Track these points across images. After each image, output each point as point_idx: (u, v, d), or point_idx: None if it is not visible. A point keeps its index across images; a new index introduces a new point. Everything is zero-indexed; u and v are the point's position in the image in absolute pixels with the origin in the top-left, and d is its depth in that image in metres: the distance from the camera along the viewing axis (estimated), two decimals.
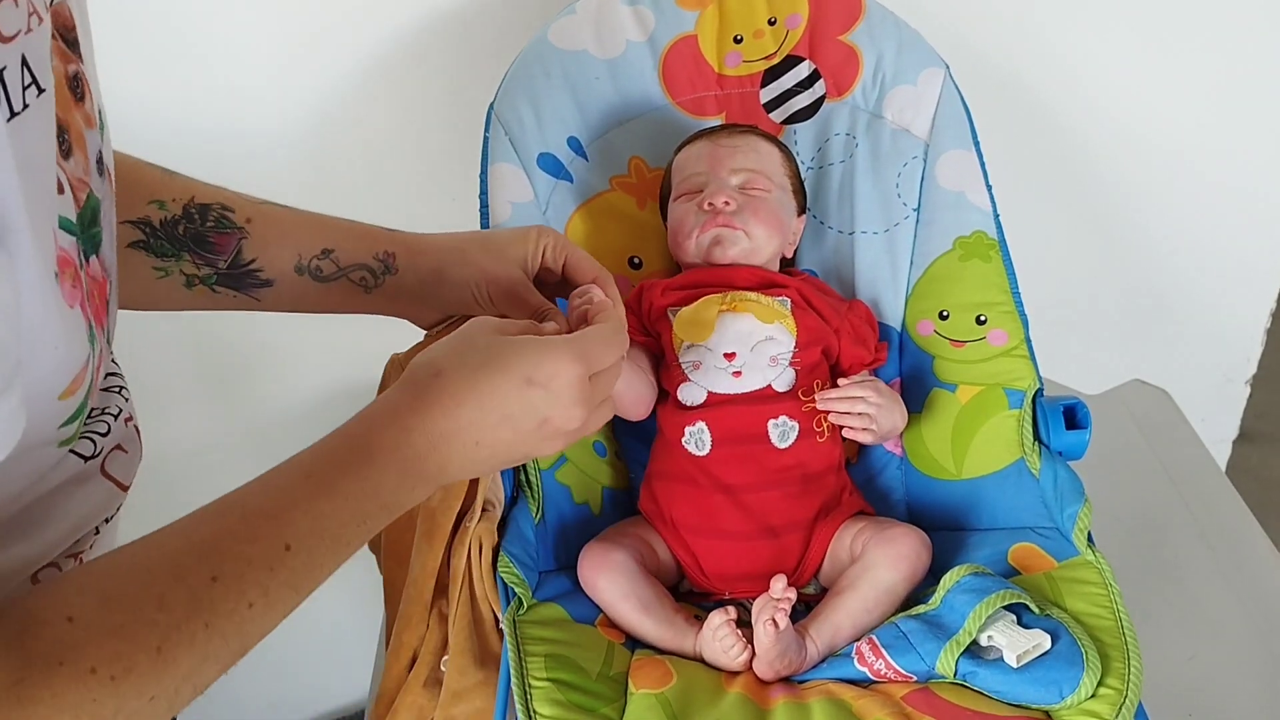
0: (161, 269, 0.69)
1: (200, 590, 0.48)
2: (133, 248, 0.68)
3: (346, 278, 0.72)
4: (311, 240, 0.72)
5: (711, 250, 0.94)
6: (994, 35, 1.17)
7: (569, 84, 1.00)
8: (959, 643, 0.73)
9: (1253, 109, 1.24)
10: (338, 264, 0.72)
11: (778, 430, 0.88)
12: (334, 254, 0.72)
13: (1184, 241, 1.35)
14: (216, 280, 0.70)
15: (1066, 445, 0.88)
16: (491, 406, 0.58)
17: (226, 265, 0.69)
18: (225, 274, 0.70)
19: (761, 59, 1.03)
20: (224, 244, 0.69)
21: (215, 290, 0.70)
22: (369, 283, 0.73)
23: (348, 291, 0.73)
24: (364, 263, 0.72)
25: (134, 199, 0.67)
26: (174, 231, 0.68)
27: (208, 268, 0.69)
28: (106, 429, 0.57)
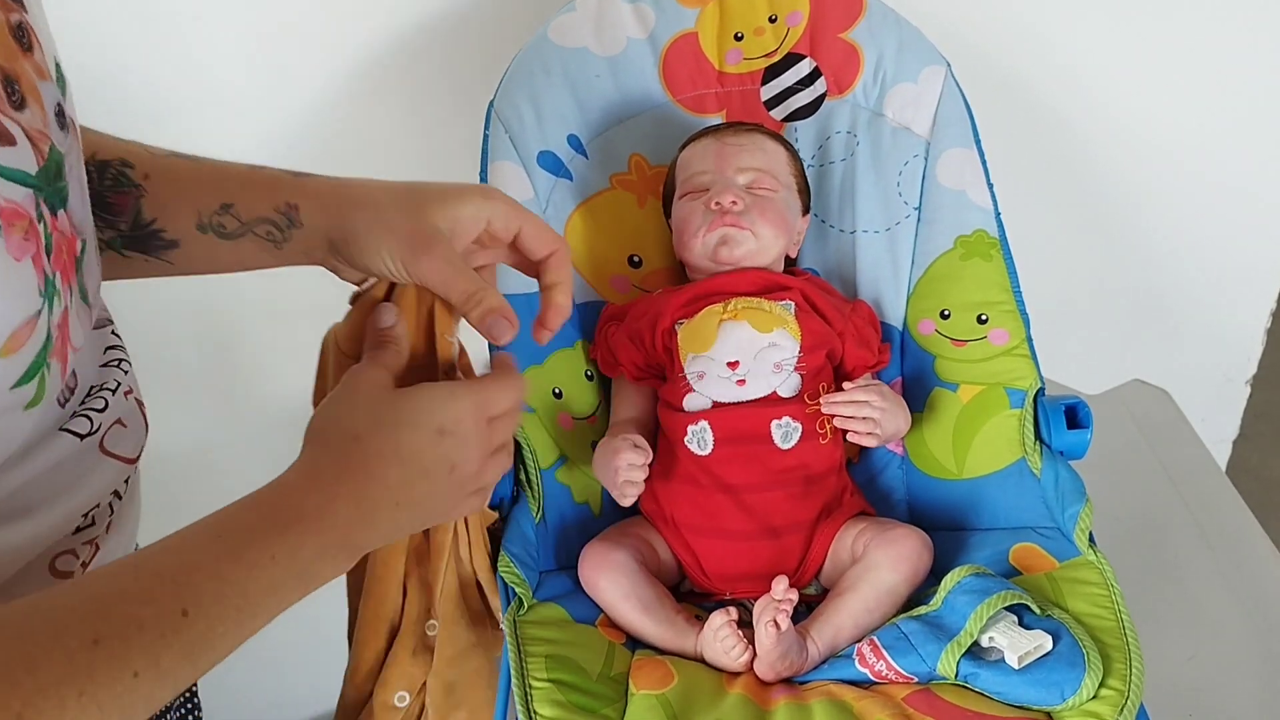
0: None
1: (78, 653, 0.43)
2: None
3: (252, 233, 0.65)
4: (209, 195, 0.65)
5: (718, 250, 0.93)
6: (994, 34, 1.17)
7: (569, 81, 1.00)
8: (960, 644, 0.73)
9: (1253, 109, 1.24)
10: (240, 219, 0.64)
11: (781, 431, 0.88)
12: (234, 209, 0.64)
13: (1184, 241, 1.35)
14: (122, 244, 0.64)
15: (1068, 445, 0.88)
16: (412, 464, 0.57)
17: (129, 228, 0.64)
18: (129, 236, 0.64)
19: (762, 56, 1.03)
20: (122, 204, 0.63)
21: (124, 254, 0.65)
22: (276, 238, 0.65)
23: (258, 247, 0.66)
24: (266, 216, 0.65)
25: None
26: None
27: (110, 230, 0.64)
28: (104, 404, 0.55)
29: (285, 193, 0.65)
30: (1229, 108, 1.24)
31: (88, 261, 0.51)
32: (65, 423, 0.52)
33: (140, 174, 0.64)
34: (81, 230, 0.50)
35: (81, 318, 0.50)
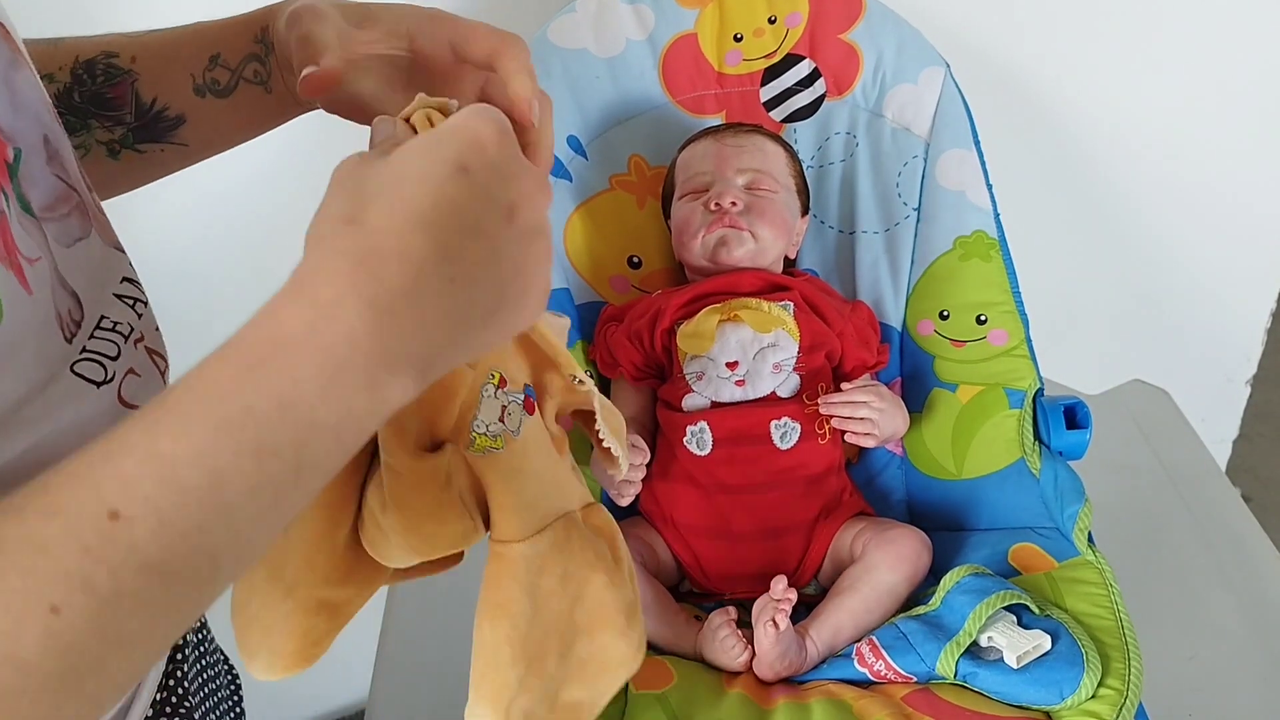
0: (81, 147, 0.61)
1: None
2: None
3: (242, 79, 0.60)
4: (197, 52, 0.61)
5: (718, 251, 0.94)
6: (994, 35, 1.17)
7: (569, 82, 1.00)
8: (959, 644, 0.73)
9: (1253, 109, 1.24)
10: (228, 67, 0.60)
11: (779, 431, 0.88)
12: (221, 57, 0.60)
13: (1184, 241, 1.34)
14: (134, 139, 0.62)
15: (1067, 445, 0.88)
16: (445, 218, 0.39)
17: (133, 117, 0.61)
18: (138, 128, 0.61)
19: (762, 57, 1.03)
20: (120, 95, 0.61)
21: (140, 150, 0.62)
22: (262, 75, 0.60)
23: (251, 97, 0.61)
24: (251, 52, 0.60)
25: None
26: (71, 101, 0.61)
27: (119, 127, 0.61)
28: (116, 351, 0.50)
29: (259, 18, 0.61)
30: (1229, 108, 1.24)
31: (26, 170, 0.47)
32: (75, 362, 0.48)
33: (127, 58, 0.62)
34: (13, 136, 0.47)
35: (28, 229, 0.46)
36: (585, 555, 0.53)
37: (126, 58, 0.62)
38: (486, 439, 0.50)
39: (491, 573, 0.51)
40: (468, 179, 0.40)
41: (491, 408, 0.50)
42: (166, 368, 0.56)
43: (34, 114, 0.49)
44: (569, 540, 0.52)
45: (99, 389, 0.49)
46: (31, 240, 0.47)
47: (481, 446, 0.50)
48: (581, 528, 0.53)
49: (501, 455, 0.50)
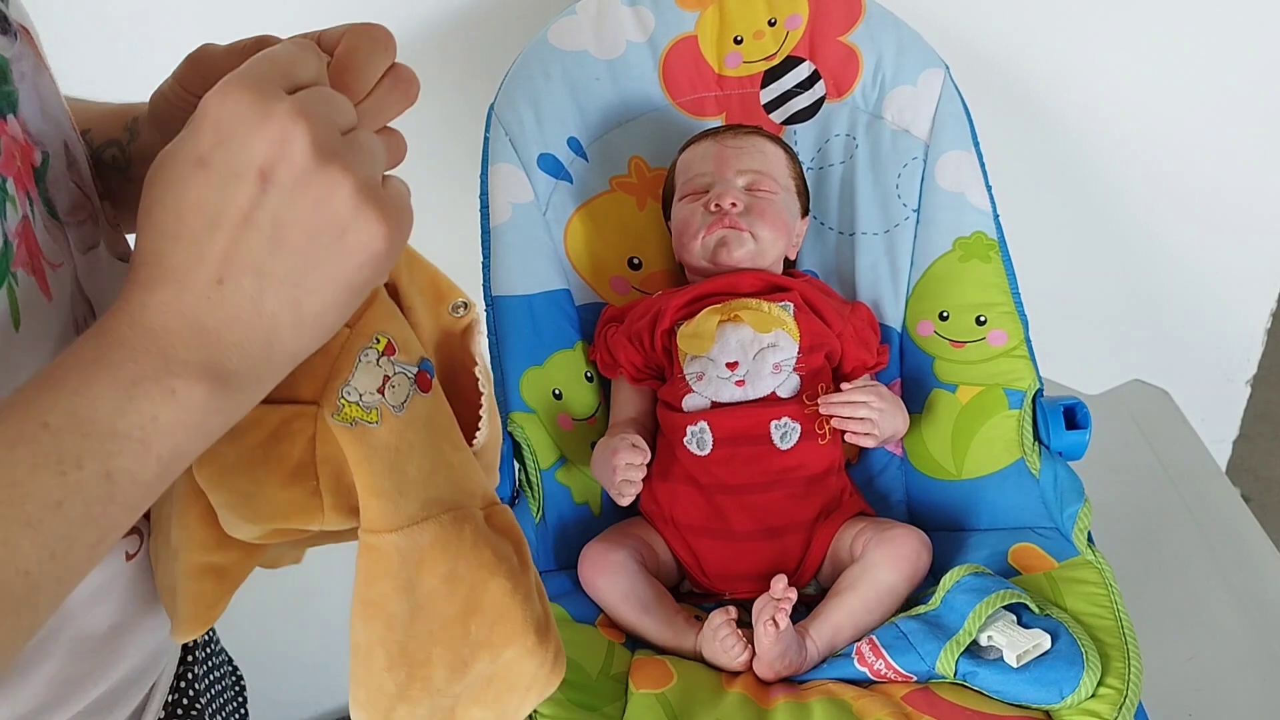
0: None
1: None
2: None
3: (100, 159, 0.57)
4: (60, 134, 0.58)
5: (718, 252, 0.94)
6: (994, 35, 1.17)
7: (569, 84, 1.00)
8: (959, 643, 0.73)
9: (1253, 109, 1.24)
10: (91, 145, 0.57)
11: (779, 431, 0.88)
12: (89, 134, 0.57)
13: (1185, 241, 1.35)
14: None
15: (1066, 445, 0.88)
16: (190, 222, 0.38)
17: None
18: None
19: (762, 60, 1.03)
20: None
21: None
22: (120, 159, 0.57)
23: (106, 180, 0.57)
24: (114, 137, 0.57)
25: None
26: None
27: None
28: None
29: (139, 109, 0.58)
30: (1229, 108, 1.24)
31: (54, 175, 0.47)
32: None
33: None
34: (41, 140, 0.47)
35: (53, 233, 0.46)
36: (480, 555, 0.46)
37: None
38: (357, 409, 0.45)
39: (362, 566, 0.46)
40: (205, 170, 0.38)
41: (371, 375, 0.45)
42: None
43: (56, 120, 0.49)
44: (459, 536, 0.46)
45: None
46: (56, 245, 0.47)
47: (349, 416, 0.45)
48: (479, 524, 0.47)
49: (376, 431, 0.45)
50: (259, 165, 0.37)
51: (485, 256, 0.95)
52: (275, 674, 1.35)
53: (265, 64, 0.40)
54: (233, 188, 0.38)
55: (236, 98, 0.37)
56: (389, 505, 0.45)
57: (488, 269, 0.95)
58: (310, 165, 0.38)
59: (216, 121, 0.38)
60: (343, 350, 0.45)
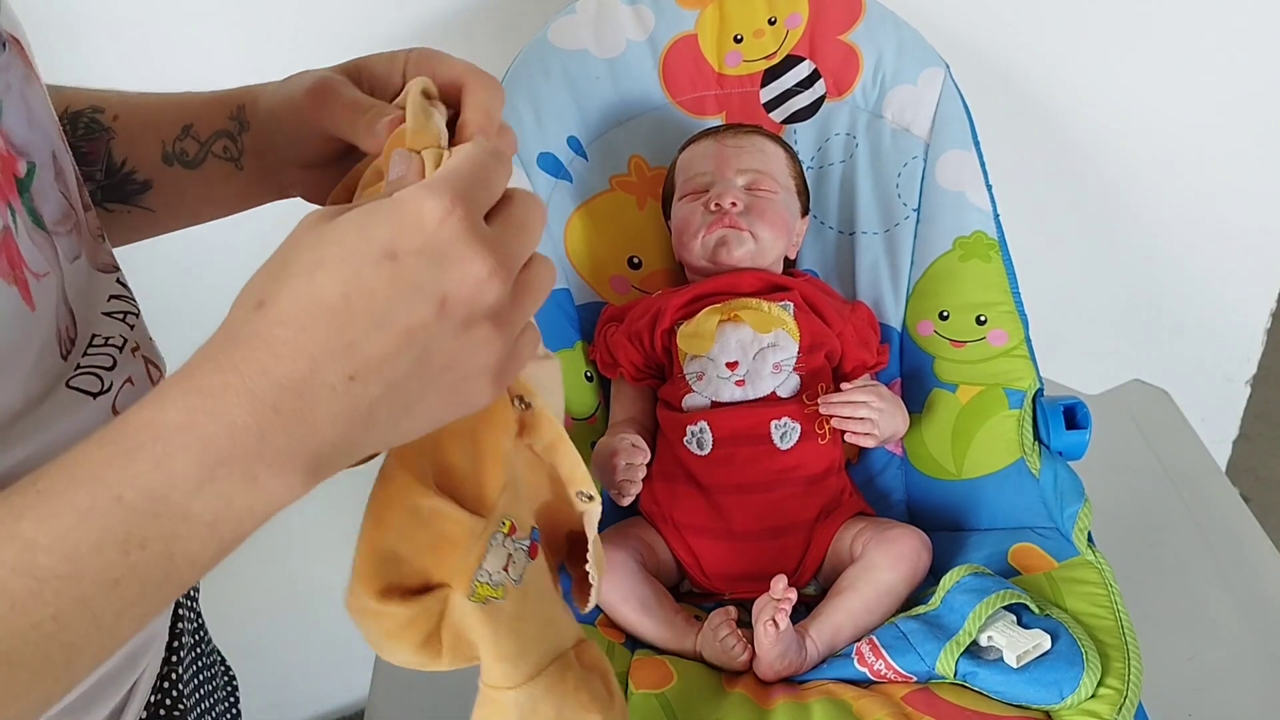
0: None
1: None
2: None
3: (211, 153, 0.58)
4: (172, 121, 0.60)
5: (717, 251, 0.94)
6: (994, 36, 1.17)
7: (569, 83, 1.00)
8: (959, 643, 0.73)
9: (1253, 109, 1.24)
10: (199, 139, 0.58)
11: (779, 431, 0.88)
12: (193, 129, 0.58)
13: (1184, 241, 1.35)
14: (102, 196, 0.61)
15: (1066, 445, 0.88)
16: (355, 310, 0.36)
17: (103, 175, 0.60)
18: (107, 186, 0.61)
19: (762, 58, 1.03)
20: (95, 150, 0.60)
21: (108, 209, 0.61)
22: (232, 152, 0.58)
23: (221, 173, 0.59)
24: (222, 128, 0.58)
25: None
26: None
27: (90, 183, 0.60)
28: (112, 362, 0.50)
29: (238, 97, 0.59)
30: (1229, 108, 1.24)
31: (39, 185, 0.47)
32: (71, 377, 0.48)
33: (110, 116, 0.61)
34: (27, 151, 0.47)
35: (39, 243, 0.46)
36: (580, 697, 0.51)
37: (110, 115, 0.61)
38: (488, 589, 0.48)
39: (482, 715, 0.50)
40: (393, 267, 0.37)
41: (498, 556, 0.48)
42: (161, 375, 0.56)
43: (44, 131, 0.49)
44: (563, 683, 0.51)
45: (95, 400, 0.49)
46: (41, 255, 0.47)
47: (482, 596, 0.47)
48: (576, 669, 0.52)
49: (503, 605, 0.48)
50: (445, 293, 0.37)
51: None
52: (273, 674, 1.35)
53: (478, 184, 0.39)
54: (413, 300, 0.37)
55: (451, 216, 0.37)
56: (510, 667, 0.49)
57: None
58: (483, 319, 0.38)
59: (422, 227, 0.37)
60: (478, 539, 0.48)
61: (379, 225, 0.37)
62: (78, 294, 0.50)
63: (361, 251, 0.37)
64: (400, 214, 0.38)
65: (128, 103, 0.62)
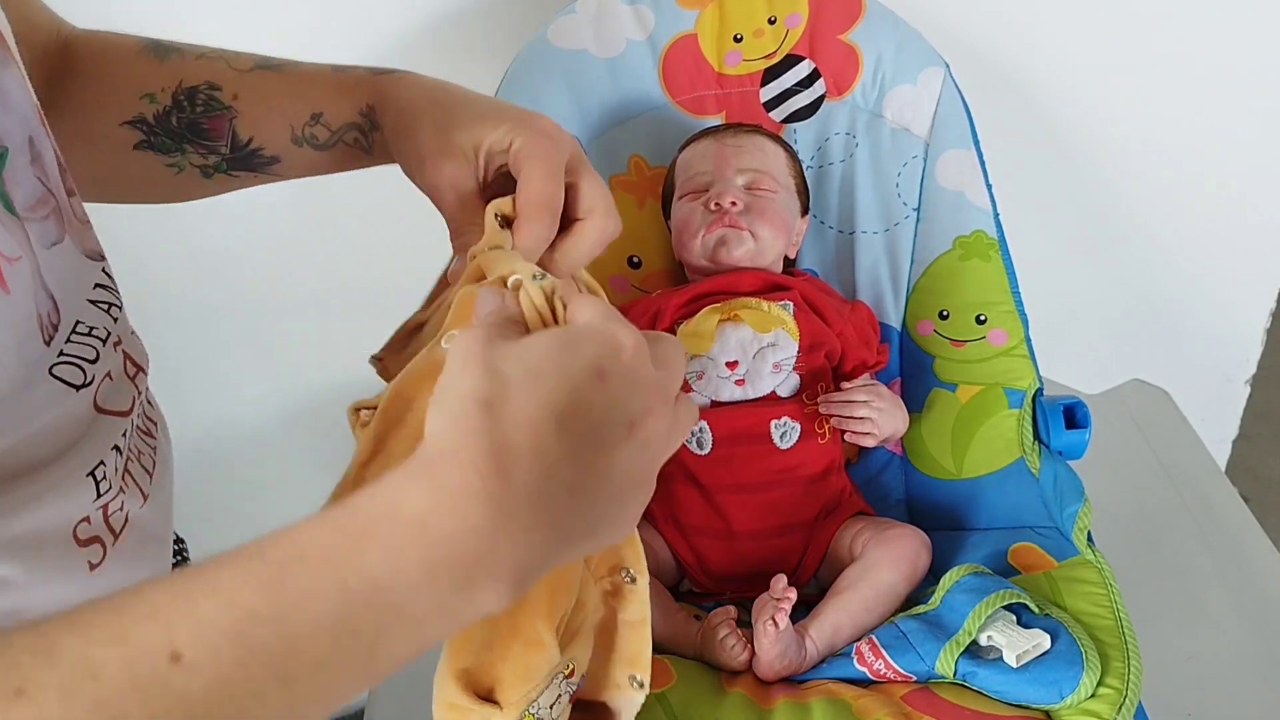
0: (174, 164, 0.64)
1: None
2: (140, 149, 0.63)
3: (342, 141, 0.62)
4: (299, 107, 0.63)
5: (717, 251, 0.94)
6: (994, 35, 1.17)
7: (569, 83, 1.00)
8: (958, 643, 0.73)
9: (1253, 109, 1.24)
10: (329, 127, 0.62)
11: (779, 431, 0.88)
12: (323, 117, 0.62)
13: (1184, 242, 1.35)
14: (228, 166, 0.64)
15: (1066, 445, 0.88)
16: (578, 422, 0.37)
17: (229, 150, 0.63)
18: (232, 159, 0.64)
19: (761, 58, 1.03)
20: (218, 128, 0.63)
21: (233, 175, 0.64)
22: (363, 143, 0.62)
23: (351, 155, 0.63)
24: (353, 121, 0.62)
25: (127, 96, 0.63)
26: (169, 124, 0.63)
27: (214, 155, 0.63)
28: (95, 354, 0.51)
29: (364, 93, 0.62)
30: (1229, 108, 1.24)
31: (11, 169, 0.48)
32: (54, 365, 0.49)
33: (229, 94, 0.63)
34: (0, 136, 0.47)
35: (9, 227, 0.46)
36: None
37: (229, 93, 0.63)
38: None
39: None
40: (604, 385, 0.38)
41: (552, 694, 0.50)
42: (138, 371, 0.56)
43: (21, 114, 0.50)
44: None
45: (78, 393, 0.49)
46: (12, 239, 0.47)
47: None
48: None
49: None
50: (635, 416, 0.39)
51: None
52: None
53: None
54: (616, 419, 0.39)
55: (640, 348, 0.40)
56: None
57: None
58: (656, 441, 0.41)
59: (620, 353, 0.40)
60: (548, 674, 0.49)
61: (585, 344, 0.39)
62: (60, 279, 0.50)
63: (577, 366, 0.38)
64: (601, 337, 0.40)
65: (245, 81, 0.64)
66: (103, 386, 0.52)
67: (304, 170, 0.65)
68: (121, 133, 0.63)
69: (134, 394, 0.55)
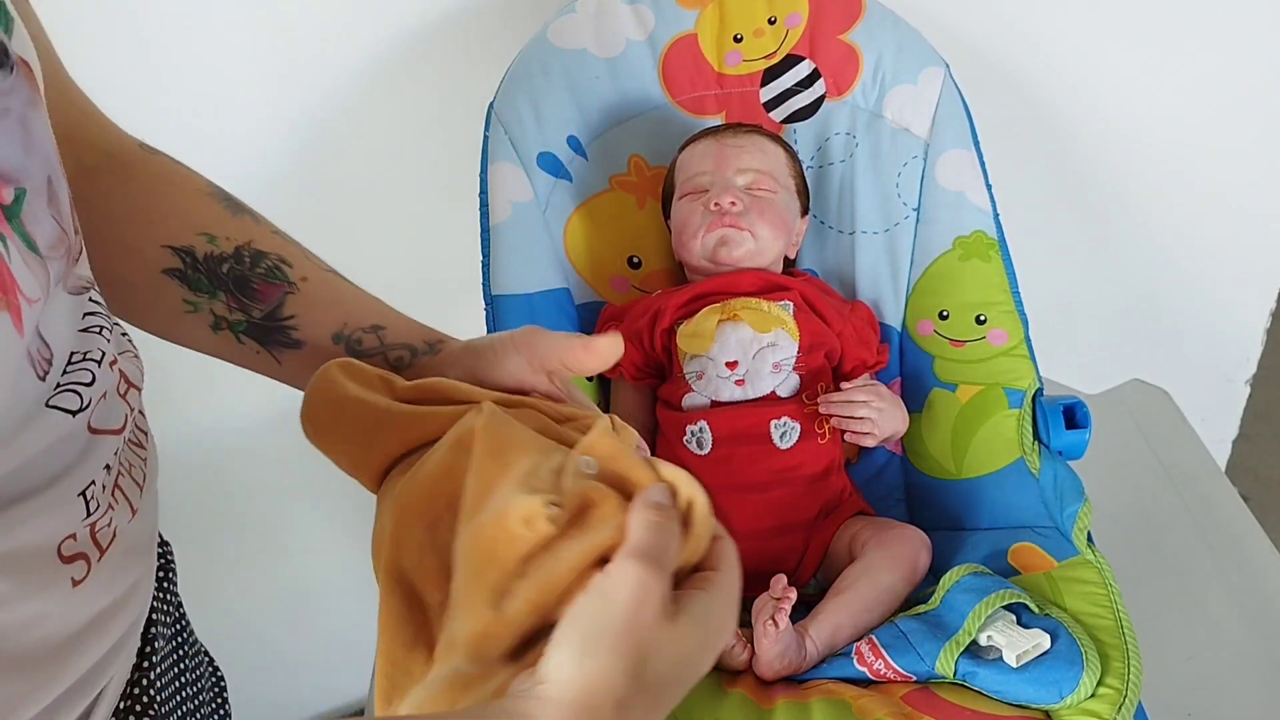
0: (191, 304, 0.64)
1: None
2: (168, 274, 0.63)
3: (384, 356, 0.66)
4: (364, 314, 0.66)
5: (717, 251, 0.94)
6: (994, 35, 1.17)
7: (569, 83, 1.00)
8: (958, 643, 0.73)
9: (1253, 108, 1.24)
10: (382, 340, 0.65)
11: (779, 431, 0.88)
12: (383, 331, 0.66)
13: (1184, 241, 1.35)
14: (245, 329, 0.64)
15: (1066, 445, 0.88)
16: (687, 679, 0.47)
17: (261, 316, 0.64)
18: (256, 324, 0.64)
19: (761, 58, 1.03)
20: (268, 293, 0.64)
21: (240, 340, 0.65)
22: (402, 362, 0.66)
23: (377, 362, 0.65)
24: (409, 343, 0.66)
25: (183, 226, 0.64)
26: (216, 269, 0.64)
27: (240, 313, 0.64)
28: (91, 378, 0.52)
29: (435, 333, 0.66)
30: (1228, 108, 1.24)
31: (31, 210, 0.48)
32: (51, 397, 0.49)
33: (298, 274, 0.65)
34: (17, 176, 0.47)
35: (33, 268, 0.47)
36: None
37: (297, 273, 0.65)
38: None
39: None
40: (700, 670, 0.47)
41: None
42: (130, 388, 0.56)
43: (44, 155, 0.50)
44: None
45: (74, 418, 0.50)
46: (35, 281, 0.47)
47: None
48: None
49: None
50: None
51: (485, 255, 0.95)
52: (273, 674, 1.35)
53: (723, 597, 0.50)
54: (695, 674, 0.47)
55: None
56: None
57: (487, 268, 0.94)
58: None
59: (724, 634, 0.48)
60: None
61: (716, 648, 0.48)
62: (53, 317, 0.51)
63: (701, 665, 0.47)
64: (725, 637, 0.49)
65: (318, 270, 0.66)
66: (98, 409, 0.52)
67: (312, 370, 0.64)
68: (159, 253, 0.63)
69: (126, 411, 0.56)
